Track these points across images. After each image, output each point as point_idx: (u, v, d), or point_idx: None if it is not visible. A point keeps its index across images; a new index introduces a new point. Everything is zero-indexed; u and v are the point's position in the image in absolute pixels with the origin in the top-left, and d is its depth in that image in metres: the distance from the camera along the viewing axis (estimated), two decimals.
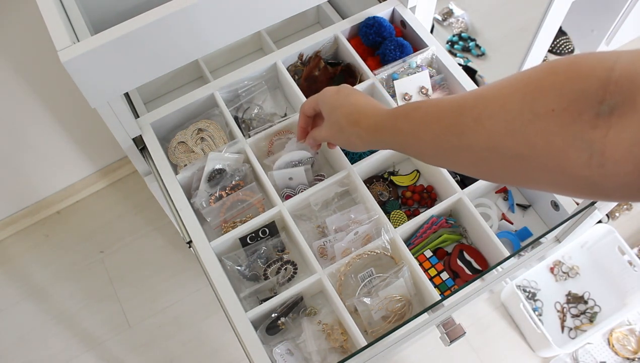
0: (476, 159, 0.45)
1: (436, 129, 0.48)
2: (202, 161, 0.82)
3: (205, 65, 1.03)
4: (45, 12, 0.68)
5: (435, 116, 0.49)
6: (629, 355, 1.41)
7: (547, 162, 0.38)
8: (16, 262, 1.61)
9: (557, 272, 1.50)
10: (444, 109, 0.48)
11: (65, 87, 1.27)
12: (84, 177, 1.65)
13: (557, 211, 0.80)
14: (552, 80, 0.38)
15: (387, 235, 0.76)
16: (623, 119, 0.33)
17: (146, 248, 1.61)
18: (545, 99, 0.38)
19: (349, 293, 0.76)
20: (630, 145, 0.33)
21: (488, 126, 0.42)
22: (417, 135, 0.51)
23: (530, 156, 0.39)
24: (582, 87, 0.36)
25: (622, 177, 0.34)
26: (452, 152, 0.47)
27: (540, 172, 0.40)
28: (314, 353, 0.72)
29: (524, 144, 0.39)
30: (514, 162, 0.41)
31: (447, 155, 0.48)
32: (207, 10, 0.69)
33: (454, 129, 0.46)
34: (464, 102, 0.46)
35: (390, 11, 0.95)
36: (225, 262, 0.77)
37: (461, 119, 0.45)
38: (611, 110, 0.34)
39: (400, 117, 0.54)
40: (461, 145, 0.45)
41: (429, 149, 0.51)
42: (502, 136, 0.41)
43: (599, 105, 0.35)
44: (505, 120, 0.41)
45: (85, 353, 1.48)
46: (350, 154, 0.88)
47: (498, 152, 0.42)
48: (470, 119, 0.44)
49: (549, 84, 0.38)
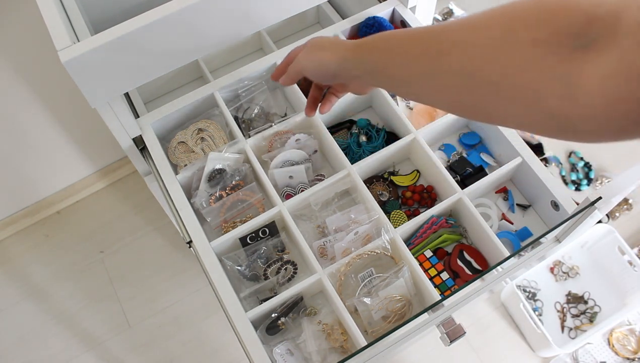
0: (450, 84, 0.44)
1: (415, 50, 0.47)
2: (202, 161, 0.82)
3: (205, 65, 1.03)
4: (45, 12, 0.68)
5: (417, 37, 0.48)
6: (629, 355, 1.41)
7: (520, 91, 0.38)
8: (16, 262, 1.61)
9: (557, 272, 1.50)
10: (427, 31, 0.47)
11: (65, 87, 1.27)
12: (84, 177, 1.65)
13: (557, 211, 0.80)
14: (538, 11, 0.38)
15: (387, 235, 0.76)
16: (600, 53, 0.34)
17: (146, 248, 1.61)
18: (528, 28, 0.38)
19: (349, 293, 0.76)
20: (603, 78, 0.33)
21: (466, 50, 0.42)
22: (395, 55, 0.50)
23: (504, 84, 0.39)
24: (566, 20, 0.36)
25: (592, 109, 0.34)
26: (426, 75, 0.46)
27: (512, 102, 0.40)
28: (314, 353, 0.72)
29: (500, 71, 0.39)
30: (488, 89, 0.41)
31: (421, 78, 0.47)
32: (207, 10, 0.69)
33: (433, 52, 0.45)
34: (447, 26, 0.45)
35: (390, 11, 0.95)
36: (225, 262, 0.77)
37: (441, 42, 0.44)
38: (590, 44, 0.34)
39: (382, 36, 0.54)
40: (437, 68, 0.45)
41: (403, 70, 0.49)
42: (479, 61, 0.41)
43: (580, 38, 0.35)
44: (484, 45, 0.40)
45: (85, 353, 1.48)
46: (350, 154, 0.88)
47: (473, 77, 0.41)
48: (450, 42, 0.43)
49: (534, 14, 0.38)
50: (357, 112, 0.95)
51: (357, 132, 0.90)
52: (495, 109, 0.42)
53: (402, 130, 0.87)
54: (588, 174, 1.64)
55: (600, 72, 0.33)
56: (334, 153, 0.84)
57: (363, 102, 0.93)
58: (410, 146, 0.87)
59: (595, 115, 0.34)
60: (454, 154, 0.89)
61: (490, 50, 0.40)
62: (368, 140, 0.89)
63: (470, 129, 0.93)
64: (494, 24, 0.40)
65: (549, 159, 1.66)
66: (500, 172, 0.82)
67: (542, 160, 1.56)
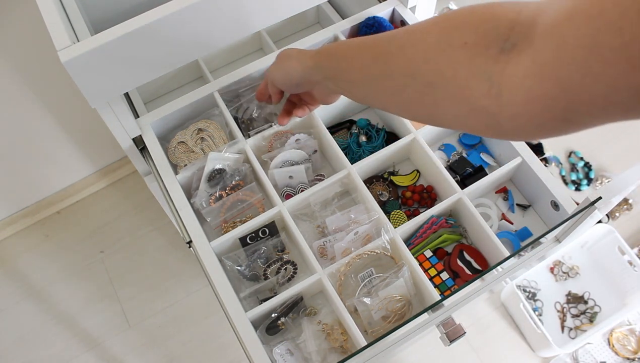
0: (397, 86, 0.48)
1: (367, 56, 0.51)
2: (202, 161, 0.82)
3: (205, 65, 1.03)
4: (45, 12, 0.68)
5: (370, 43, 0.52)
6: (629, 355, 1.41)
7: (453, 90, 0.42)
8: (16, 262, 1.61)
9: (557, 272, 1.50)
10: (379, 38, 0.51)
11: (65, 87, 1.27)
12: (84, 177, 1.65)
13: (557, 211, 0.80)
14: (469, 18, 0.41)
15: (387, 235, 0.76)
16: (520, 54, 0.36)
17: (146, 248, 1.61)
18: (460, 33, 0.41)
19: (349, 293, 0.76)
20: (522, 77, 0.36)
21: (409, 53, 0.45)
22: (350, 61, 0.54)
23: (440, 84, 0.43)
24: (493, 26, 0.39)
25: (515, 107, 0.37)
26: (377, 79, 0.50)
27: (448, 101, 0.43)
28: (314, 353, 0.73)
29: (436, 71, 0.43)
30: (427, 90, 0.44)
31: (373, 82, 0.51)
32: (207, 10, 0.69)
33: (382, 56, 0.49)
34: (396, 32, 0.49)
35: (390, 11, 0.95)
36: (225, 262, 0.77)
37: (388, 47, 0.48)
38: (512, 47, 0.37)
39: (340, 43, 0.57)
40: (385, 71, 0.48)
41: (357, 75, 0.53)
42: (420, 63, 0.44)
43: (504, 42, 0.38)
44: (424, 49, 0.44)
45: (85, 353, 1.48)
46: (350, 154, 0.88)
47: (415, 78, 0.45)
48: (395, 46, 0.47)
49: (466, 20, 0.42)
50: (357, 112, 0.95)
51: (357, 132, 0.90)
52: (436, 109, 0.45)
53: (402, 130, 0.87)
54: (588, 173, 1.64)
55: (519, 73, 0.36)
56: (334, 153, 0.84)
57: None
58: (410, 146, 0.87)
59: (517, 113, 0.37)
60: (454, 153, 0.89)
61: (428, 53, 0.44)
62: (368, 140, 0.89)
63: None
64: (432, 29, 0.44)
65: (549, 159, 1.66)
66: (500, 172, 0.82)
67: (542, 160, 1.57)
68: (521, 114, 0.37)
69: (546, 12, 0.35)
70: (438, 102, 0.44)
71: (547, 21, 0.35)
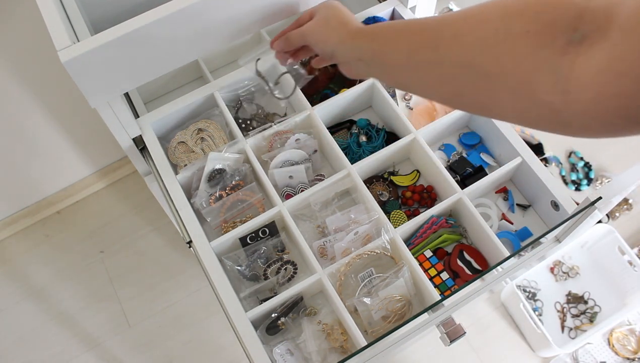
0: (447, 75, 0.45)
1: (414, 41, 0.48)
2: (202, 161, 0.82)
3: (205, 65, 1.03)
4: (45, 12, 0.68)
5: (416, 28, 0.49)
6: (629, 355, 1.41)
7: (514, 83, 0.39)
8: (16, 262, 1.61)
9: (557, 272, 1.50)
10: (426, 23, 0.48)
11: (65, 87, 1.27)
12: (84, 177, 1.65)
13: (557, 211, 0.80)
14: (532, 4, 0.39)
15: (387, 235, 0.76)
16: (592, 47, 0.34)
17: (146, 248, 1.61)
18: (522, 20, 0.38)
19: (349, 293, 0.76)
20: (595, 73, 0.33)
21: (464, 41, 0.43)
22: (394, 44, 0.51)
23: (499, 75, 0.40)
24: (559, 13, 0.36)
25: (584, 104, 0.34)
26: (424, 66, 0.48)
27: (506, 94, 0.40)
28: (314, 353, 0.73)
29: (495, 62, 0.40)
30: (483, 81, 0.41)
31: (419, 69, 0.48)
32: (206, 10, 0.69)
33: (431, 42, 0.46)
34: (445, 18, 0.46)
35: (390, 11, 0.95)
36: (225, 262, 0.77)
37: (439, 33, 0.46)
38: (583, 38, 0.35)
39: (384, 25, 0.55)
40: (435, 59, 0.46)
41: (402, 60, 0.50)
42: (476, 52, 0.41)
43: (572, 32, 0.35)
44: (481, 37, 0.41)
45: (85, 353, 1.48)
46: (350, 153, 0.88)
47: (470, 68, 0.42)
48: (448, 33, 0.44)
49: (529, 7, 0.39)
50: (357, 112, 0.95)
51: (357, 132, 0.90)
52: (492, 100, 0.42)
53: (402, 130, 0.87)
54: (588, 173, 1.64)
55: (591, 67, 0.34)
56: (334, 153, 0.84)
57: (363, 102, 0.93)
58: (410, 146, 0.87)
59: (586, 110, 0.35)
60: (454, 153, 0.89)
61: (485, 41, 0.41)
62: (368, 140, 0.89)
63: (470, 128, 0.93)
64: (489, 16, 0.41)
65: (549, 159, 1.66)
66: (500, 172, 0.82)
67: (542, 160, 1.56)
68: (590, 112, 0.34)
69: (625, 3, 0.33)
70: (494, 95, 0.41)
71: (628, 13, 0.32)
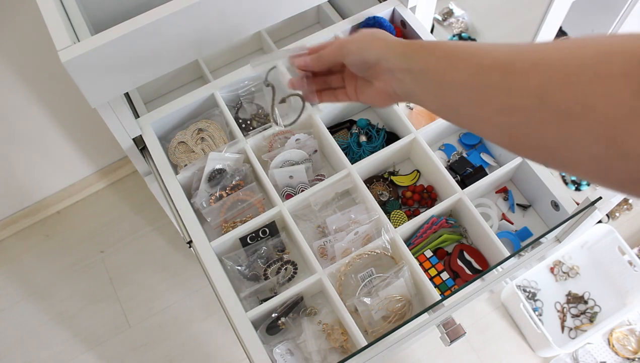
0: (514, 106, 0.40)
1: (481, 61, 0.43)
2: (202, 161, 0.82)
3: (205, 65, 1.03)
4: (46, 12, 0.68)
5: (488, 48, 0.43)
6: (629, 355, 1.41)
7: (599, 127, 0.34)
8: (16, 262, 1.61)
9: (557, 272, 1.50)
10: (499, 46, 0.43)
11: (65, 87, 1.27)
12: (84, 177, 1.65)
13: (557, 211, 0.80)
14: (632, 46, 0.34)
15: (387, 235, 0.76)
16: None
17: (146, 248, 1.61)
18: (623, 62, 0.34)
19: (349, 293, 0.76)
20: None
21: (545, 72, 0.37)
22: (456, 61, 0.45)
23: (581, 116, 0.35)
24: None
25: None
26: (488, 90, 0.42)
27: (585, 137, 0.35)
28: (314, 353, 0.73)
29: (579, 101, 0.35)
30: (559, 119, 0.37)
31: (481, 92, 0.42)
32: (206, 10, 0.69)
33: (504, 66, 0.41)
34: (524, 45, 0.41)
35: (390, 11, 0.95)
36: (226, 262, 0.77)
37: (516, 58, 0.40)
38: None
39: (444, 41, 0.49)
40: (504, 85, 0.40)
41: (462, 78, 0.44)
42: (557, 87, 0.37)
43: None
44: (567, 72, 0.36)
45: (85, 353, 1.48)
46: (351, 153, 0.88)
47: (545, 103, 0.37)
48: (528, 61, 0.39)
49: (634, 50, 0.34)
50: (357, 112, 0.95)
51: (357, 132, 0.90)
52: (562, 143, 0.37)
53: (402, 130, 0.87)
54: None
55: None
56: (334, 153, 0.84)
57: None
58: (410, 146, 0.87)
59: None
60: (454, 153, 0.89)
61: (572, 77, 0.36)
62: (368, 140, 0.89)
63: None
64: (582, 52, 0.37)
65: None
66: (500, 172, 0.82)
67: None
68: None
69: None
70: (569, 137, 0.36)
71: None
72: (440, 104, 0.49)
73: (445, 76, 0.46)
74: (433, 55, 0.49)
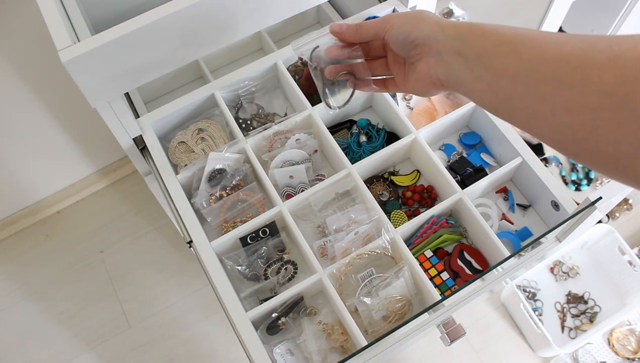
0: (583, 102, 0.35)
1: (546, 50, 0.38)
2: (202, 161, 0.82)
3: (205, 65, 1.03)
4: (46, 12, 0.68)
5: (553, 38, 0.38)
6: (629, 355, 1.41)
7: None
8: (16, 262, 1.61)
9: (557, 272, 1.50)
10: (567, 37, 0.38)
11: (65, 87, 1.27)
12: (84, 177, 1.65)
13: (557, 211, 0.80)
14: None
15: (388, 235, 0.76)
16: None
17: (146, 248, 1.61)
18: None
19: (349, 293, 0.76)
20: None
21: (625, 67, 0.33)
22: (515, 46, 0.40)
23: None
24: None
25: None
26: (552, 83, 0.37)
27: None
28: (314, 353, 0.73)
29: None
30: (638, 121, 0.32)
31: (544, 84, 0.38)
32: (207, 10, 0.69)
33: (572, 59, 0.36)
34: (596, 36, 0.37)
35: (390, 11, 0.95)
36: (226, 262, 0.77)
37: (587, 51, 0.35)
38: None
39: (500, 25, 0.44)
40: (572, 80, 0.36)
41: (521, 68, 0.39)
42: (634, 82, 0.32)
43: None
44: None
45: (85, 353, 1.48)
46: (351, 153, 0.88)
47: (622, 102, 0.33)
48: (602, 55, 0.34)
49: None
50: (357, 112, 0.95)
51: (357, 132, 0.90)
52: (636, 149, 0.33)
53: (402, 130, 0.87)
54: (588, 173, 1.64)
55: None
56: (334, 153, 0.84)
57: (363, 102, 0.93)
58: (411, 146, 0.87)
59: None
60: (454, 154, 0.89)
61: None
62: (368, 140, 0.89)
63: (470, 128, 0.93)
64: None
65: (549, 159, 1.66)
66: (501, 172, 0.82)
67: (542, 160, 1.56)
68: None
69: None
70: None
71: None
72: (492, 95, 0.43)
73: (504, 63, 0.41)
74: (489, 39, 0.43)
